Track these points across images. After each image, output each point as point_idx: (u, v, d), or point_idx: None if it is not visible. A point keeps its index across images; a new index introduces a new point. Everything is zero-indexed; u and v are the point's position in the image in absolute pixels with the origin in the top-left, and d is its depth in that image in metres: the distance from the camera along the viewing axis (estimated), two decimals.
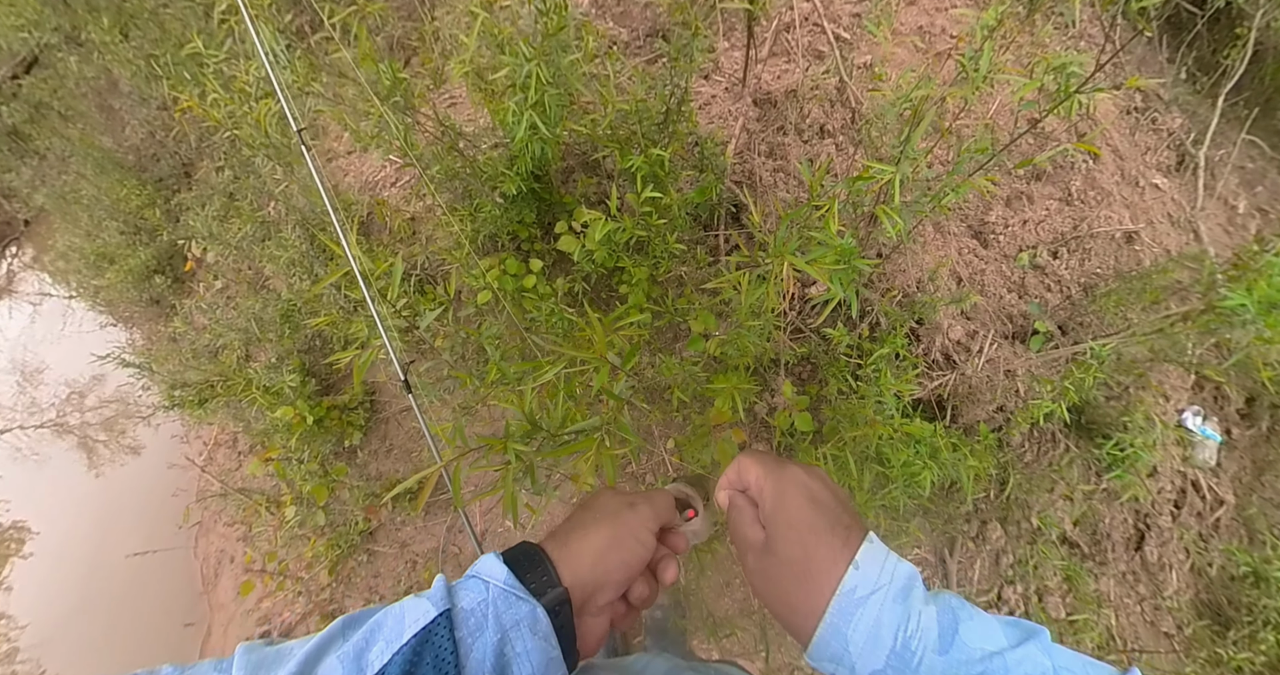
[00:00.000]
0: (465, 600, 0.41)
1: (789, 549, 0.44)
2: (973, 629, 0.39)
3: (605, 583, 0.46)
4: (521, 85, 1.31)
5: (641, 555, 0.49)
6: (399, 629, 0.38)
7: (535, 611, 0.41)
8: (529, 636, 0.40)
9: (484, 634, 0.39)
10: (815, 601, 0.41)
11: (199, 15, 2.91)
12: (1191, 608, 1.79)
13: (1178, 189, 2.53)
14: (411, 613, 0.39)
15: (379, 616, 0.40)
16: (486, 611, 0.40)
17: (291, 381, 2.19)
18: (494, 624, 0.40)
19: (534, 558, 0.45)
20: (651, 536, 0.50)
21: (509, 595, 0.41)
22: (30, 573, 3.58)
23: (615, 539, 0.48)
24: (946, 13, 2.51)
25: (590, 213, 1.43)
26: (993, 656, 0.38)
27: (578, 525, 0.49)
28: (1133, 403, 1.81)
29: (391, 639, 0.38)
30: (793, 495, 0.47)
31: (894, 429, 1.26)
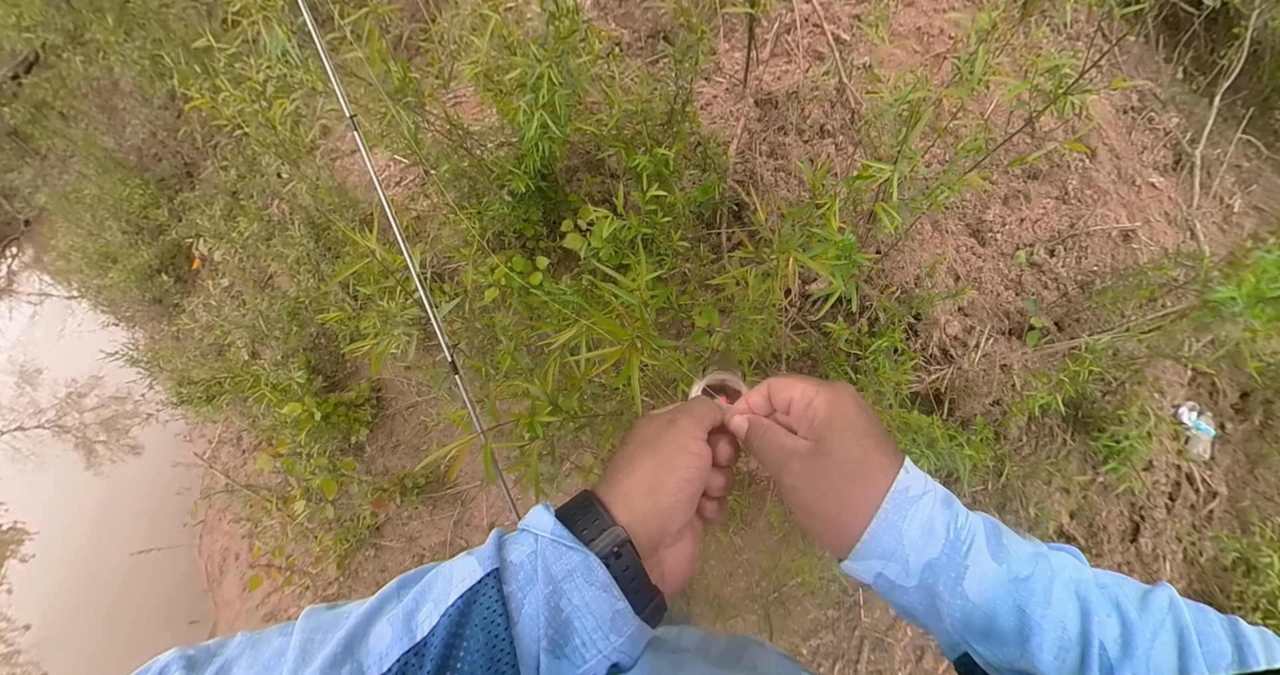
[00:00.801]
0: (514, 555, 0.40)
1: (846, 448, 0.44)
2: (1014, 536, 0.42)
3: (669, 508, 0.44)
4: (533, 86, 1.37)
5: (698, 466, 0.46)
6: (446, 590, 0.38)
7: (588, 560, 0.39)
8: (585, 587, 0.39)
9: (534, 588, 0.38)
10: (871, 495, 0.42)
11: (202, 15, 2.98)
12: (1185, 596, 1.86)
13: (1174, 188, 2.60)
14: (460, 572, 0.39)
15: (430, 577, 0.40)
16: (536, 564, 0.39)
17: (299, 378, 2.25)
18: (544, 577, 0.39)
19: (585, 505, 0.43)
20: (702, 444, 0.48)
21: (558, 546, 0.40)
22: (30, 574, 3.60)
23: (665, 461, 0.45)
24: (944, 14, 2.59)
25: (597, 211, 1.49)
26: (1038, 557, 0.41)
27: (622, 462, 0.47)
28: (1129, 398, 1.88)
29: (440, 600, 0.38)
30: (849, 402, 0.47)
31: (891, 418, 1.32)
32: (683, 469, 0.45)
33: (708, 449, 0.48)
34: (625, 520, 0.42)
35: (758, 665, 0.60)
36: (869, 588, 0.46)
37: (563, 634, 0.38)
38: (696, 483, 0.46)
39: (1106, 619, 0.39)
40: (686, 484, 0.45)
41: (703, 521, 0.51)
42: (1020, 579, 0.40)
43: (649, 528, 0.43)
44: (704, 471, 0.47)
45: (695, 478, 0.46)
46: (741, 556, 1.80)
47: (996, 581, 0.39)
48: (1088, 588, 0.40)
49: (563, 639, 0.38)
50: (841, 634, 1.72)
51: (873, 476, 0.43)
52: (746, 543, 1.81)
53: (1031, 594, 0.39)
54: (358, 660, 0.35)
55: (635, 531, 0.42)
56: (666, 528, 0.44)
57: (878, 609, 1.74)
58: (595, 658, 0.38)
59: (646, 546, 0.42)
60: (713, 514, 0.51)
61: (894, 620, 1.73)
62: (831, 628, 1.73)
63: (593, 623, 0.38)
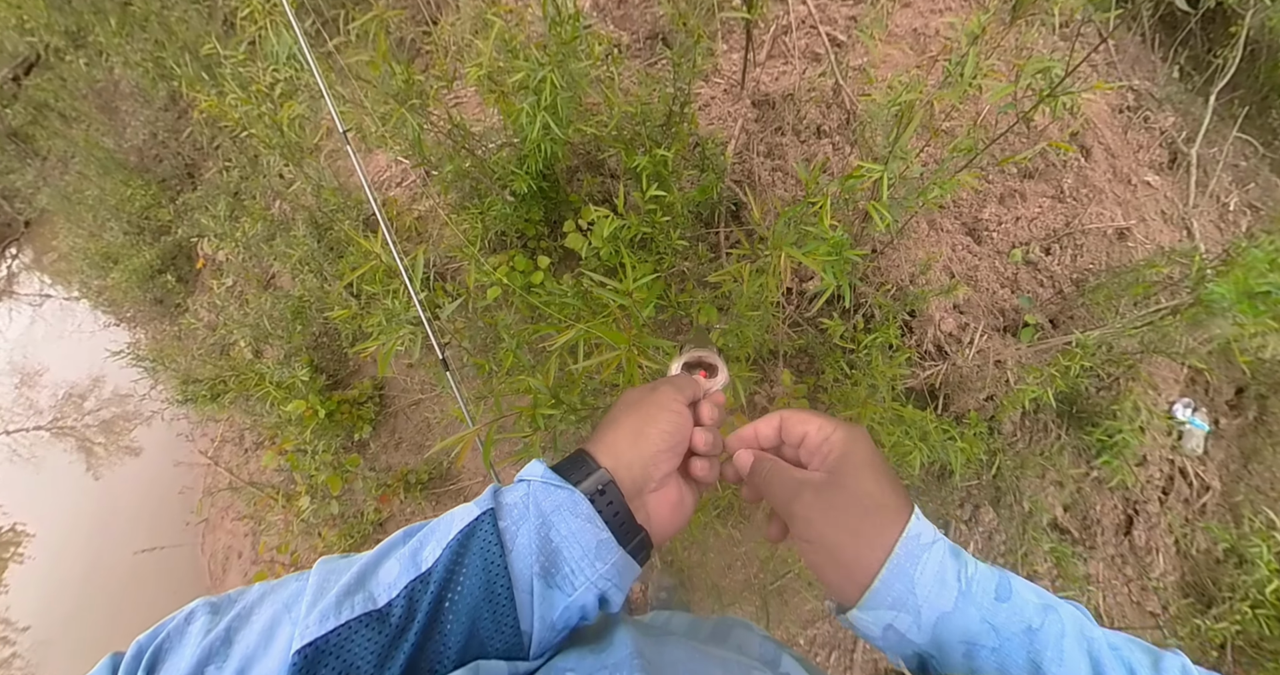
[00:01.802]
0: (509, 497, 0.45)
1: (862, 483, 0.46)
2: (1022, 584, 0.43)
3: (651, 455, 0.49)
4: (535, 88, 1.44)
5: (680, 422, 0.51)
6: (448, 529, 0.43)
7: (574, 496, 0.44)
8: (571, 519, 0.43)
9: (526, 522, 0.43)
10: (886, 534, 0.43)
11: (204, 17, 3.05)
12: (1177, 588, 1.92)
13: (1170, 186, 2.67)
14: (460, 515, 0.44)
15: (433, 522, 0.45)
16: (528, 503, 0.44)
17: (303, 376, 2.31)
18: (535, 512, 0.43)
19: (575, 456, 0.49)
20: (682, 407, 0.53)
21: (547, 486, 0.45)
22: (29, 575, 3.65)
23: (647, 416, 0.51)
24: (941, 15, 2.65)
25: (597, 211, 1.56)
26: (1047, 609, 0.41)
27: (607, 423, 0.52)
28: (1123, 394, 1.94)
29: (442, 538, 0.42)
30: (866, 442, 0.50)
31: (883, 411, 1.39)
32: (665, 422, 0.50)
33: (688, 412, 0.53)
34: (610, 465, 0.47)
35: (743, 646, 0.64)
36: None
37: (553, 562, 0.42)
38: (677, 435, 0.51)
39: None
40: (668, 435, 0.50)
41: (694, 482, 0.55)
42: (1032, 630, 0.41)
43: (633, 472, 0.48)
44: (685, 429, 0.52)
45: (677, 430, 0.51)
46: (740, 549, 1.86)
47: (1010, 633, 0.41)
48: (1100, 648, 0.41)
49: (553, 567, 0.42)
50: (838, 624, 1.78)
51: (886, 515, 0.44)
52: (745, 535, 1.88)
53: (1045, 647, 0.40)
54: (368, 590, 0.39)
55: (619, 475, 0.47)
56: (650, 473, 0.48)
57: None
58: (583, 584, 0.43)
59: (631, 489, 0.47)
60: (702, 471, 0.55)
61: None
62: (828, 618, 1.79)
63: (579, 551, 0.43)
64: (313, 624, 0.37)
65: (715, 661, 0.51)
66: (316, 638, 0.36)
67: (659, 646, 0.51)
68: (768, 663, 0.58)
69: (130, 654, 0.37)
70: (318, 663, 0.35)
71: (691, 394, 0.56)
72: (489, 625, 0.40)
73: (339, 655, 0.36)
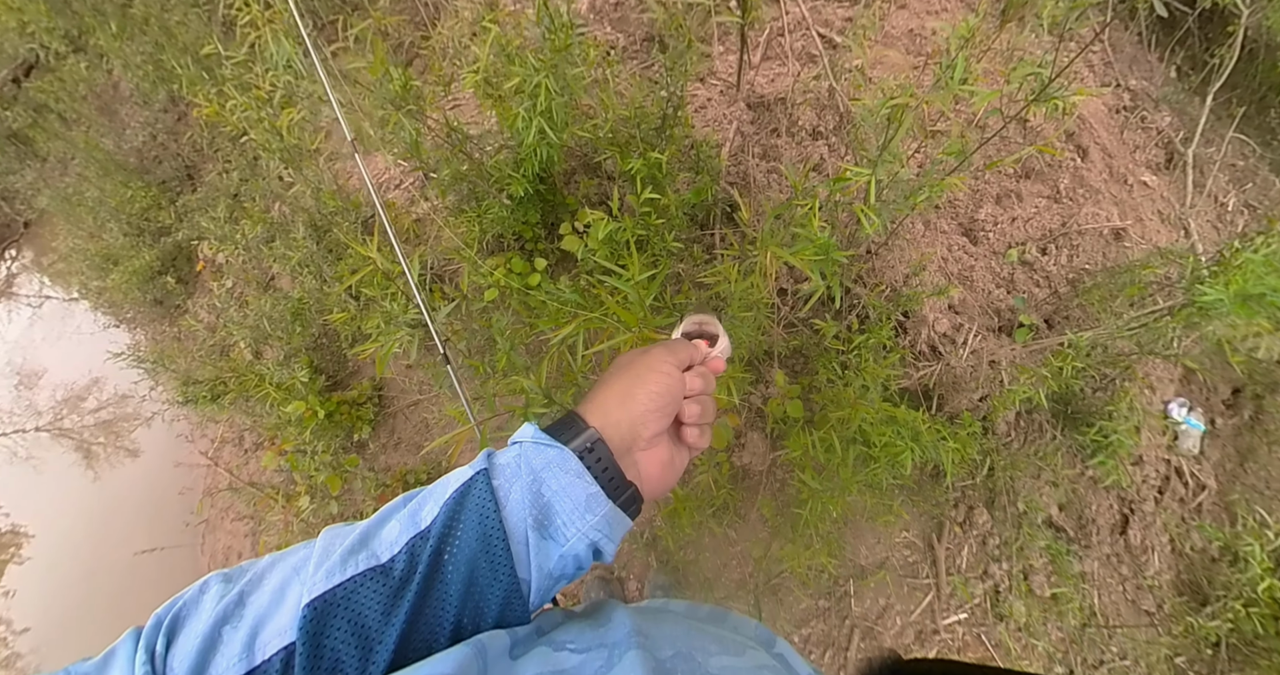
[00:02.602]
0: (502, 458, 0.48)
1: None
2: None
3: (640, 414, 0.51)
4: (531, 93, 1.48)
5: (669, 384, 0.53)
6: (444, 490, 0.46)
7: (563, 453, 0.47)
8: (561, 475, 0.46)
9: (519, 479, 0.46)
10: None
11: (203, 20, 3.10)
12: (1172, 587, 1.95)
13: (1167, 186, 2.70)
14: (456, 477, 0.47)
15: (431, 487, 0.48)
16: (520, 462, 0.47)
17: (302, 377, 2.35)
18: (526, 469, 0.46)
19: (565, 417, 0.52)
20: (674, 368, 0.55)
21: (537, 445, 0.48)
22: (29, 577, 3.68)
23: (637, 377, 0.53)
24: (937, 16, 2.69)
25: (593, 213, 1.60)
26: None
27: (599, 384, 0.55)
28: (1118, 394, 1.97)
29: (439, 498, 0.45)
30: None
31: (875, 410, 1.42)
32: (654, 384, 0.53)
33: (679, 372, 0.56)
34: (599, 423, 0.50)
35: (738, 628, 0.67)
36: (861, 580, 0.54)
37: (545, 514, 0.45)
38: (667, 397, 0.53)
39: None
40: (657, 396, 0.52)
41: (686, 446, 0.58)
42: None
43: (621, 430, 0.50)
44: (675, 390, 0.54)
45: (665, 392, 0.53)
46: (735, 548, 1.90)
47: None
48: None
49: (546, 519, 0.45)
50: (832, 623, 1.82)
51: None
52: (740, 535, 1.91)
53: None
54: (371, 548, 0.43)
55: (608, 433, 0.49)
56: (639, 432, 0.51)
57: (867, 599, 1.84)
58: (575, 535, 0.46)
59: (620, 447, 0.50)
60: (694, 439, 0.57)
61: (883, 609, 1.83)
62: (822, 617, 1.82)
63: (570, 504, 0.46)
64: (320, 580, 0.40)
65: (711, 637, 0.53)
66: (325, 591, 0.39)
67: (657, 623, 0.53)
68: (763, 643, 0.60)
69: (150, 625, 0.41)
70: (327, 614, 0.39)
71: (686, 357, 0.58)
72: (486, 574, 0.43)
73: (347, 606, 0.39)
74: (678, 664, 0.47)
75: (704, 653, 0.49)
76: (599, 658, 0.45)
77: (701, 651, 0.49)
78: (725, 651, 0.51)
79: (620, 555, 1.99)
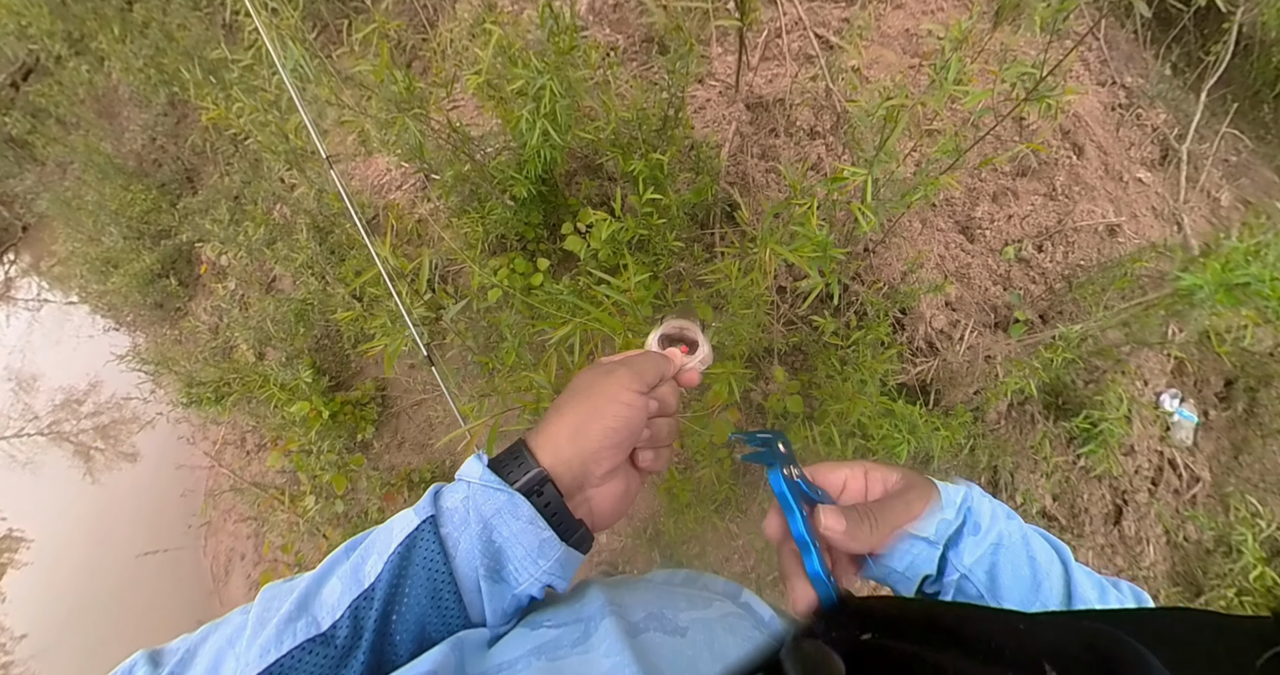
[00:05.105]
0: (449, 501, 0.45)
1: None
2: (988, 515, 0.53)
3: (592, 453, 0.48)
4: (534, 96, 1.54)
5: (628, 416, 0.50)
6: (388, 541, 0.43)
7: (513, 499, 0.45)
8: (512, 521, 0.44)
9: (468, 528, 0.44)
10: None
11: (204, 23, 3.16)
12: (1167, 577, 2.01)
13: (1161, 183, 2.76)
14: (399, 524, 0.44)
15: (373, 534, 0.45)
16: (468, 507, 0.44)
17: (306, 378, 2.41)
18: (475, 517, 0.44)
19: (514, 450, 0.49)
20: (636, 396, 0.51)
21: (486, 489, 0.45)
22: (27, 581, 3.72)
23: (592, 409, 0.50)
24: (933, 16, 2.76)
25: (595, 214, 1.66)
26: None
27: (554, 409, 0.51)
28: (1107, 385, 2.03)
29: (382, 551, 0.42)
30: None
31: (873, 405, 1.48)
32: (610, 418, 0.49)
33: (643, 401, 0.52)
34: (549, 462, 0.47)
35: (708, 586, 0.69)
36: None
37: (497, 561, 0.44)
38: (624, 431, 0.50)
39: None
40: (613, 432, 0.49)
41: (641, 471, 0.56)
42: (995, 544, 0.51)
43: (572, 469, 0.48)
44: (634, 422, 0.51)
45: (623, 427, 0.50)
46: (737, 542, 1.96)
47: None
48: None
49: (498, 566, 0.44)
50: None
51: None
52: (741, 529, 1.97)
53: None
54: (311, 614, 0.40)
55: (558, 472, 0.47)
56: (590, 470, 0.49)
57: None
58: (528, 580, 0.45)
59: (571, 486, 0.48)
60: (649, 463, 0.55)
61: None
62: None
63: (522, 551, 0.44)
64: (253, 660, 0.37)
65: (681, 595, 0.56)
66: (260, 672, 0.37)
67: (630, 590, 0.55)
68: (729, 595, 0.63)
69: None
70: None
71: (654, 377, 0.55)
72: (438, 629, 0.42)
73: None
74: (650, 623, 0.48)
75: (674, 610, 0.51)
76: (576, 630, 0.46)
77: (671, 609, 0.51)
78: (694, 607, 0.53)
79: (624, 550, 2.05)
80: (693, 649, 0.46)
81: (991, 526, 0.51)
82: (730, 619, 0.52)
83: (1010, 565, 0.50)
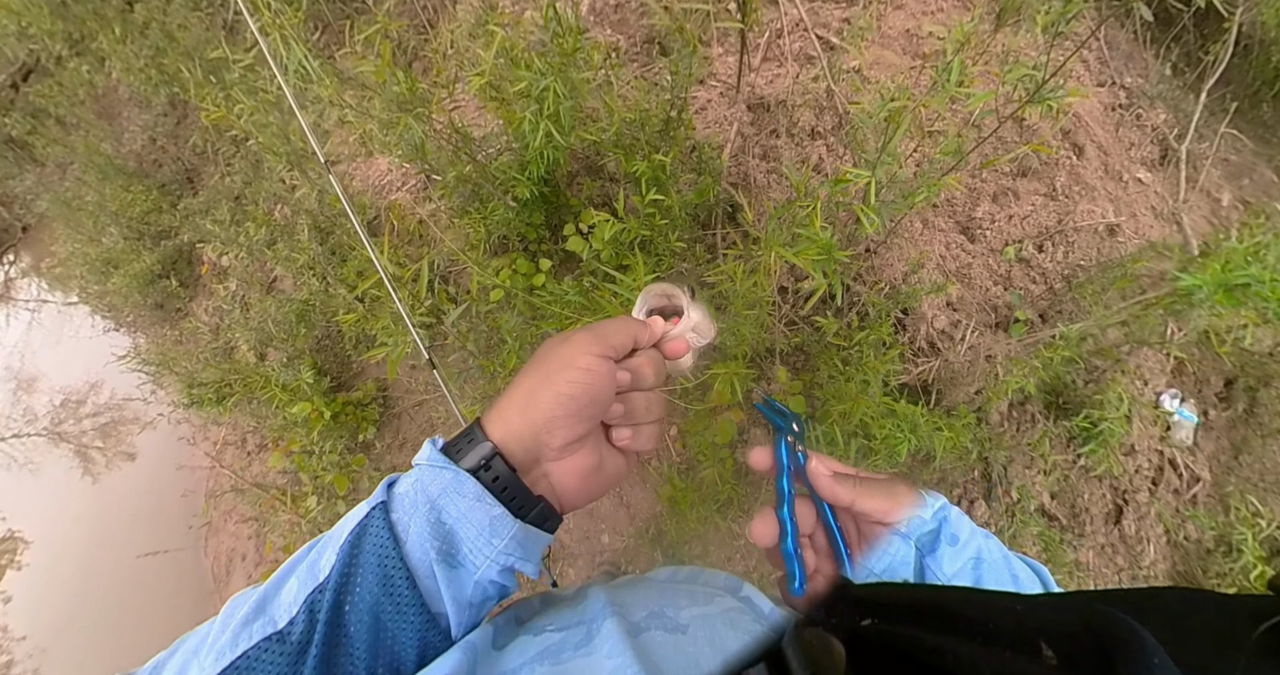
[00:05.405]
0: (401, 487, 0.44)
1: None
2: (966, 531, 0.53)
3: (544, 423, 0.45)
4: (537, 97, 1.55)
5: (587, 382, 0.46)
6: (341, 532, 0.42)
7: (458, 477, 0.43)
8: (459, 500, 0.43)
9: (417, 511, 0.42)
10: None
11: (205, 25, 3.17)
12: (1168, 577, 2.03)
13: (1161, 183, 2.78)
14: (353, 516, 0.43)
15: (333, 529, 0.44)
16: (417, 490, 0.43)
17: (307, 379, 2.42)
18: (423, 497, 0.43)
19: (467, 429, 0.47)
20: (595, 360, 0.47)
21: (433, 469, 0.44)
22: (27, 583, 3.72)
23: (544, 376, 0.46)
24: (933, 16, 2.77)
25: (598, 214, 1.67)
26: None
27: (511, 384, 0.48)
28: (1107, 384, 2.05)
29: (336, 543, 0.42)
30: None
31: (876, 405, 1.49)
32: (563, 384, 0.46)
33: (604, 366, 0.47)
34: (498, 436, 0.45)
35: (710, 581, 0.69)
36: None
37: (450, 544, 0.43)
38: (581, 400, 0.46)
39: None
40: (566, 400, 0.45)
41: (623, 451, 0.52)
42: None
43: (523, 442, 0.45)
44: (594, 389, 0.46)
45: (580, 394, 0.46)
46: (739, 542, 1.97)
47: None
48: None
49: (452, 548, 0.43)
50: None
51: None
52: (744, 529, 1.98)
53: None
54: (269, 614, 0.40)
55: (508, 446, 0.45)
56: (544, 441, 0.46)
57: None
58: (485, 562, 0.43)
59: (524, 460, 0.46)
60: (626, 441, 0.51)
61: None
62: None
63: (474, 530, 0.43)
64: (209, 665, 0.38)
65: (683, 593, 0.55)
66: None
67: (631, 590, 0.54)
68: (730, 590, 0.63)
69: None
70: None
71: (623, 342, 0.50)
72: (393, 618, 0.41)
73: None
74: (651, 622, 0.48)
75: (675, 608, 0.50)
76: (578, 633, 0.46)
77: (672, 607, 0.50)
78: (695, 603, 0.52)
79: (626, 550, 2.06)
80: (694, 646, 0.46)
81: (970, 540, 0.51)
82: (732, 614, 0.52)
83: (993, 581, 0.50)
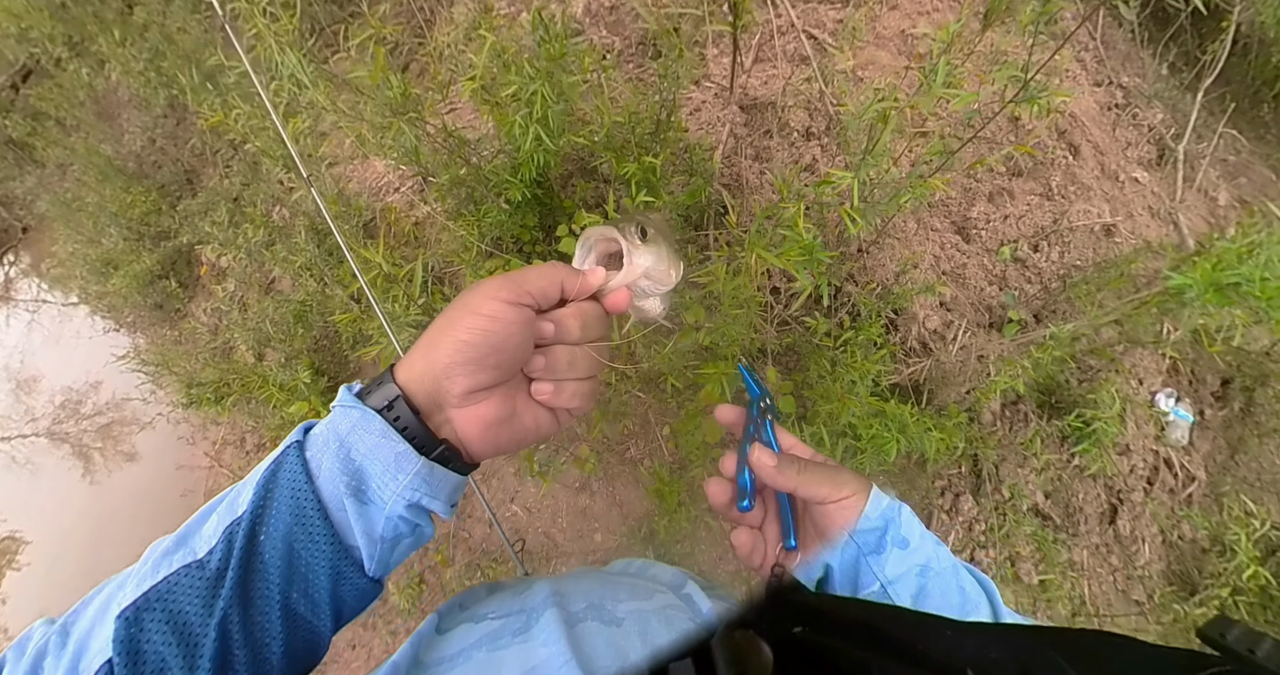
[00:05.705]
0: (316, 428, 0.46)
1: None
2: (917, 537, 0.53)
3: (444, 368, 0.45)
4: (527, 101, 1.57)
5: (488, 329, 0.45)
6: (259, 470, 0.45)
7: (366, 415, 0.45)
8: (366, 436, 0.45)
9: (329, 448, 0.44)
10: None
11: (203, 27, 3.20)
12: (1162, 577, 2.04)
13: (1158, 182, 2.79)
14: (271, 456, 0.46)
15: (250, 473, 0.46)
16: (329, 429, 0.45)
17: (305, 379, 2.45)
18: (334, 435, 0.45)
19: (380, 374, 0.48)
20: (501, 306, 0.46)
21: (343, 408, 0.46)
22: (25, 584, 3.75)
23: (450, 322, 0.46)
24: (928, 16, 2.78)
25: (590, 216, 1.69)
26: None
27: (426, 329, 0.49)
28: (1100, 384, 2.06)
29: (254, 481, 0.44)
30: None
31: (863, 405, 1.51)
32: (463, 331, 0.45)
33: (512, 313, 0.46)
34: (403, 379, 0.46)
35: (656, 576, 0.72)
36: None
37: (359, 479, 0.44)
38: (481, 347, 0.45)
39: None
40: (465, 346, 0.45)
41: (550, 409, 0.51)
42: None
43: (424, 386, 0.46)
44: (497, 337, 0.46)
45: (479, 341, 0.45)
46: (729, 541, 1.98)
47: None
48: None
49: (361, 484, 0.44)
50: None
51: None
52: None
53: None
54: (190, 546, 0.42)
55: (411, 389, 0.46)
56: (445, 388, 0.46)
57: None
58: (392, 497, 0.45)
59: (426, 404, 0.46)
60: (547, 396, 0.50)
61: None
62: None
63: (380, 466, 0.44)
64: (131, 590, 0.40)
65: (625, 586, 0.58)
66: (137, 598, 0.39)
67: (576, 581, 0.56)
68: (673, 587, 0.64)
69: None
70: (142, 621, 0.38)
71: (542, 289, 0.49)
72: (306, 547, 0.43)
73: (163, 608, 0.39)
74: (589, 613, 0.50)
75: (614, 600, 0.53)
76: (518, 621, 0.48)
77: (611, 600, 0.53)
78: (634, 597, 0.55)
79: (618, 549, 2.08)
80: (626, 639, 0.48)
81: (921, 546, 0.52)
82: (669, 611, 0.54)
83: (939, 591, 0.51)
